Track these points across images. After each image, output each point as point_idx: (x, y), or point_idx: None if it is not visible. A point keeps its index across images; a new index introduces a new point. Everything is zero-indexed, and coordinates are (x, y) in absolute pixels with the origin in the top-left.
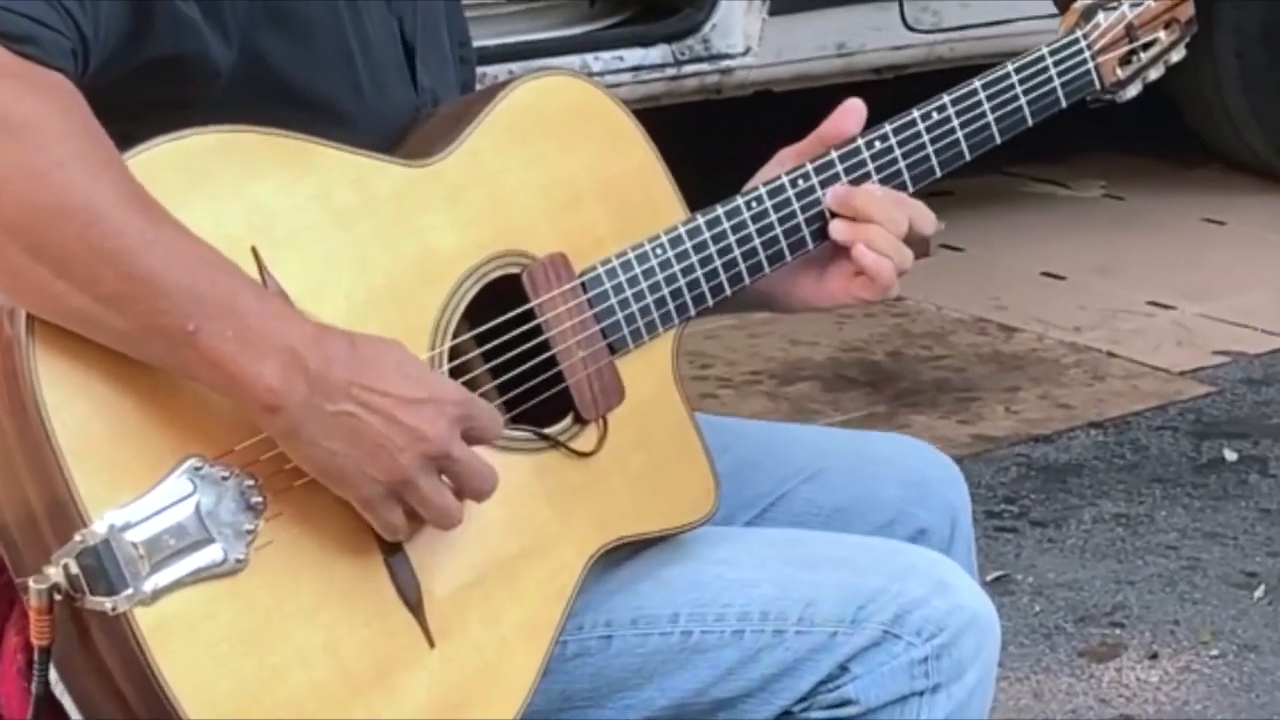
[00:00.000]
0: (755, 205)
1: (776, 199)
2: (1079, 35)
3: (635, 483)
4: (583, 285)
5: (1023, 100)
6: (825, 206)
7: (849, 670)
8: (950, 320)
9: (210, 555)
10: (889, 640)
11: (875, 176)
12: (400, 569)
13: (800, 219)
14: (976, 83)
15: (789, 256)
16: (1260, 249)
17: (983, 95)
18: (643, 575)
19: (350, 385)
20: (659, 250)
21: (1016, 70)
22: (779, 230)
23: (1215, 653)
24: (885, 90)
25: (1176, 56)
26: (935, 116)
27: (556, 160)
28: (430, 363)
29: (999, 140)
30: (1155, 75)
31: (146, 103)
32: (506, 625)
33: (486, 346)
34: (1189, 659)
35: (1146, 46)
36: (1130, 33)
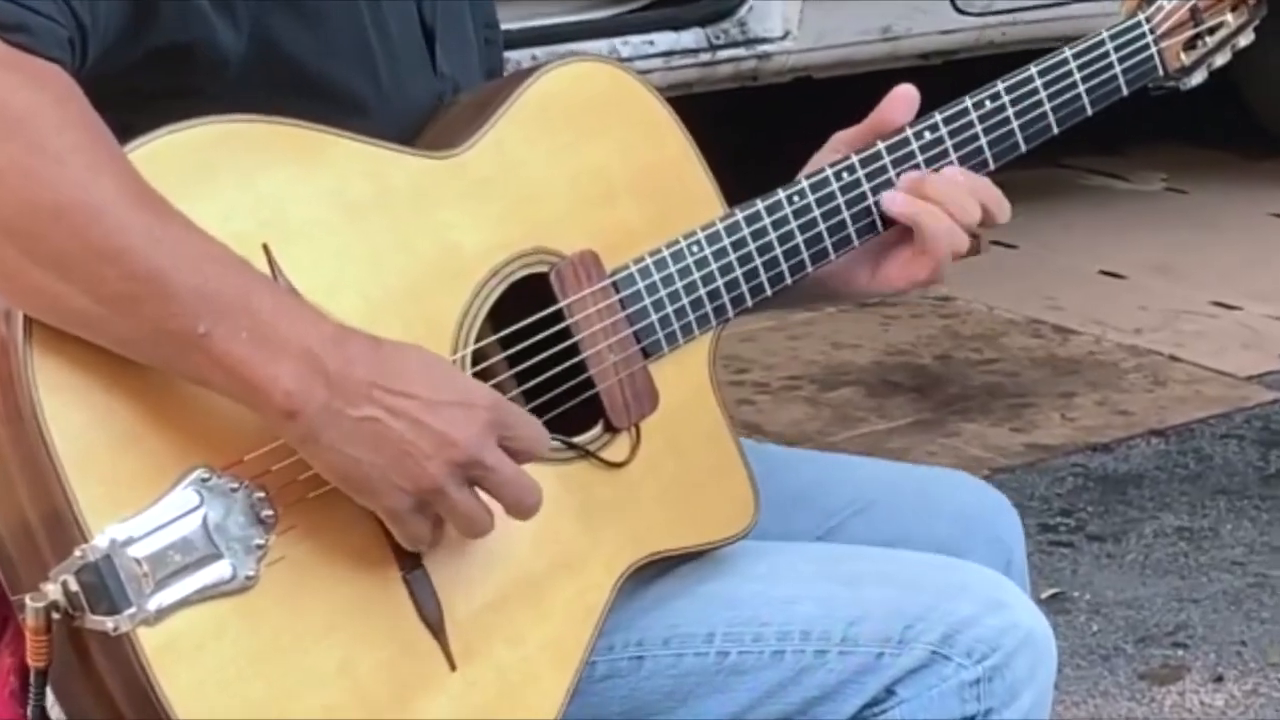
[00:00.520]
0: (798, 200)
1: (820, 193)
2: (1141, 19)
3: (669, 495)
4: (614, 285)
5: (1082, 88)
6: (887, 195)
7: (895, 693)
8: (1002, 321)
9: (218, 572)
10: (938, 661)
11: (924, 170)
12: (420, 586)
13: (845, 214)
14: (1032, 69)
15: (833, 254)
16: None
17: (1039, 82)
18: (677, 592)
19: (373, 387)
20: (696, 248)
21: (1075, 56)
22: (823, 227)
23: None
24: (934, 78)
25: (1244, 41)
26: (988, 105)
27: (586, 151)
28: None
29: (1056, 130)
30: (1221, 61)
31: (150, 93)
32: (532, 646)
33: (512, 350)
34: (1256, 681)
35: (1212, 30)
36: (1195, 16)
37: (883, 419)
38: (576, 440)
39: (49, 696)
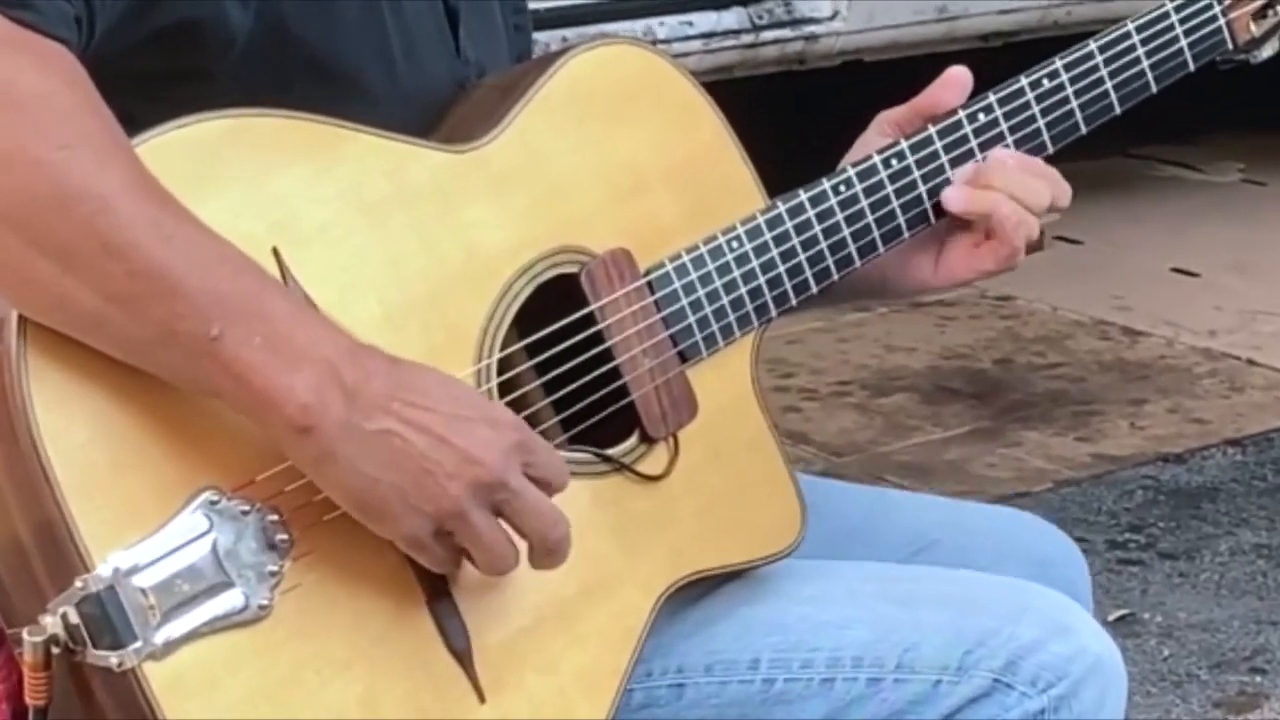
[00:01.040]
0: (843, 189)
1: (867, 182)
2: None
3: (710, 510)
4: (649, 285)
5: (1145, 64)
6: (947, 193)
7: None
8: (1067, 323)
9: (229, 601)
10: (1000, 690)
11: (979, 155)
12: (446, 614)
13: (895, 204)
14: (1092, 44)
15: (881, 247)
16: None
17: (1100, 59)
18: (719, 615)
19: (392, 400)
20: (735, 243)
21: (1138, 29)
22: (871, 218)
23: None
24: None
25: None
26: (1046, 84)
27: (616, 141)
28: (477, 376)
29: (1119, 109)
30: None
31: (151, 76)
32: (566, 674)
33: (540, 357)
34: None
35: None
36: None
37: (938, 428)
38: (610, 453)
39: None
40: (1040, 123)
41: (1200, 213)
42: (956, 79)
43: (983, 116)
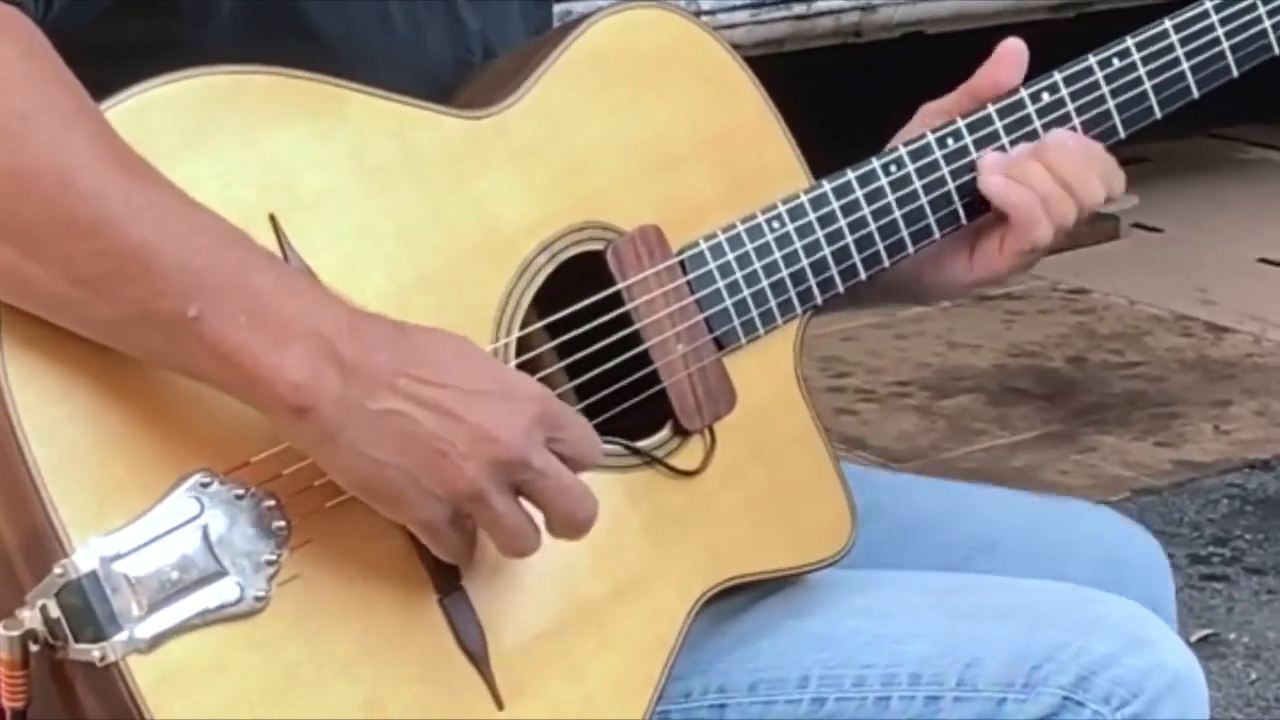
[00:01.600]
0: (894, 169)
1: (920, 162)
2: None
3: (750, 508)
4: (682, 265)
5: (1225, 45)
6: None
7: None
8: (1146, 318)
9: (222, 592)
10: (1071, 708)
11: (1042, 136)
12: (460, 611)
13: (950, 186)
14: (1167, 22)
15: (937, 233)
16: None
17: (1175, 38)
18: (763, 629)
19: (397, 375)
20: (776, 223)
21: (1217, 8)
22: (924, 201)
23: None
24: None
25: None
26: (1116, 63)
27: (645, 111)
28: (494, 356)
29: (1196, 94)
30: None
31: (122, 48)
32: (593, 682)
33: (562, 339)
34: None
35: None
36: None
37: (1006, 431)
38: (641, 445)
39: None
40: (1110, 104)
41: None
42: (1011, 51)
43: (1047, 95)
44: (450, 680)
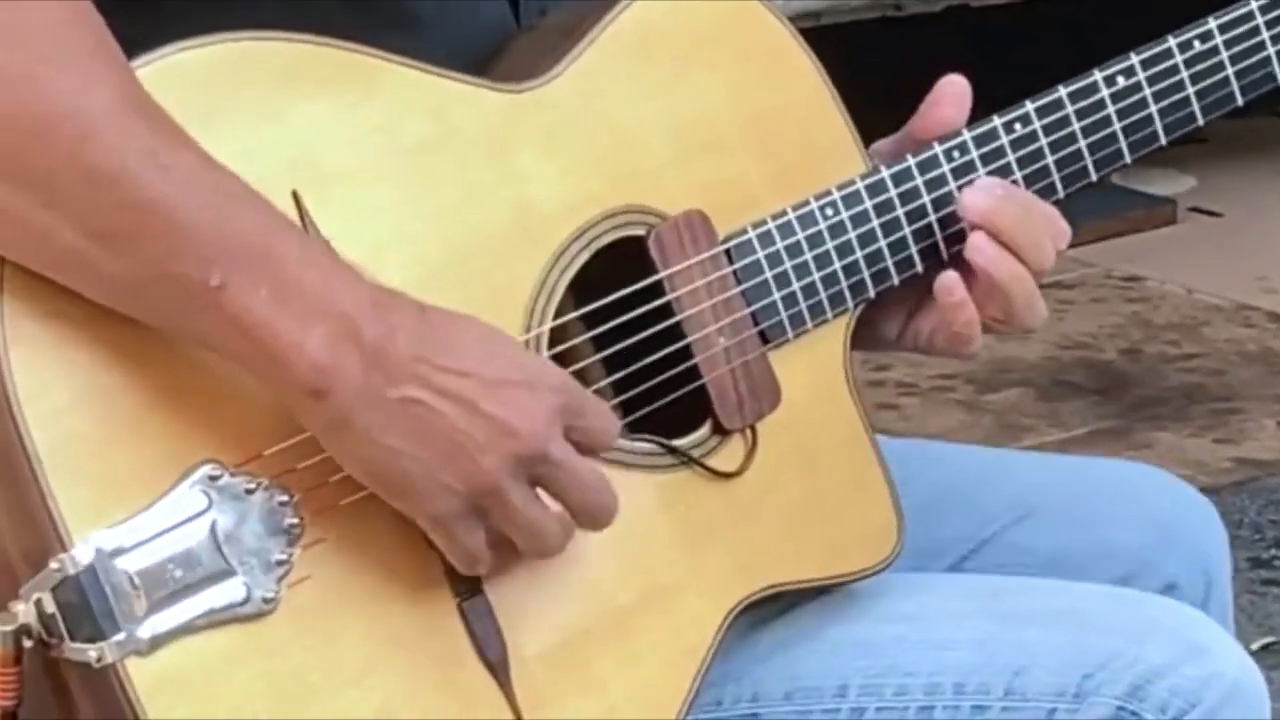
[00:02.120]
0: (957, 155)
1: (985, 148)
2: None
3: (791, 514)
4: (728, 254)
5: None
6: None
7: None
8: (1204, 307)
9: (229, 592)
10: (1125, 719)
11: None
12: (479, 618)
13: (1017, 175)
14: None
15: None
16: None
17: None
18: (800, 635)
19: (419, 363)
20: (830, 210)
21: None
22: None
23: None
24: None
25: None
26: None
27: (692, 89)
28: (525, 347)
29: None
30: None
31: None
32: (617, 696)
33: (598, 330)
34: None
35: None
36: None
37: (1056, 427)
38: (677, 444)
39: None
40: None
41: None
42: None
43: (1118, 82)
44: (467, 691)
